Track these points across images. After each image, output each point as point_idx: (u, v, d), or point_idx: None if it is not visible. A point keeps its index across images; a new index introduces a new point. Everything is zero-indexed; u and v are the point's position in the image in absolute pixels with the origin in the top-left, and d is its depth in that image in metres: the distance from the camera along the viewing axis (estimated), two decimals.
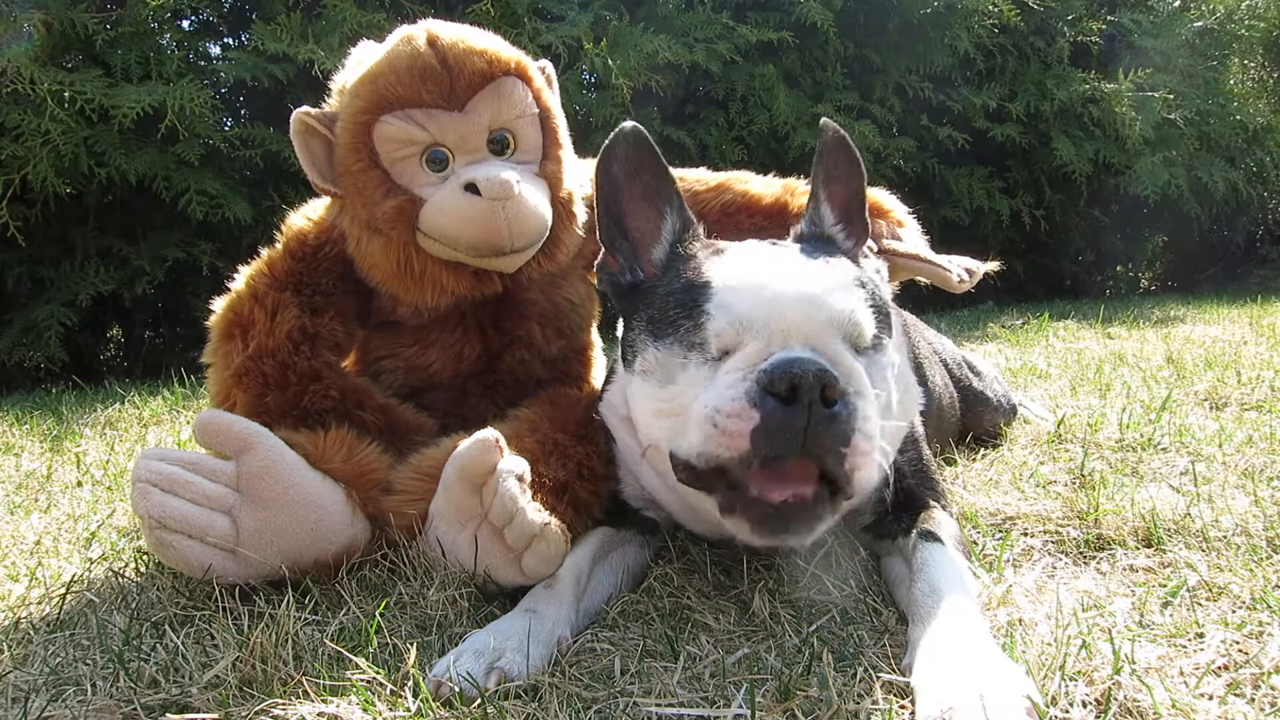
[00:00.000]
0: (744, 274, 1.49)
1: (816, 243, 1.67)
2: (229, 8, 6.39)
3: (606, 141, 1.66)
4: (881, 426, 1.41)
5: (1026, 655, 1.24)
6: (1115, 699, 1.14)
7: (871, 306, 1.50)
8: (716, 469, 1.36)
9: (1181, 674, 1.22)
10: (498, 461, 1.52)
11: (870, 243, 1.98)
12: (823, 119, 1.68)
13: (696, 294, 1.49)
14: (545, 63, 2.12)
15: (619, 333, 1.80)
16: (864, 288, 1.53)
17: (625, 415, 1.71)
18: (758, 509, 1.35)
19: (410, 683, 1.24)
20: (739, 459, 1.32)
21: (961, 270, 2.10)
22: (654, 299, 1.60)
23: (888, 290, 1.71)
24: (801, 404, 1.29)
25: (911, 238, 2.16)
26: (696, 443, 1.36)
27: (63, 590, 1.70)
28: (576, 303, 2.28)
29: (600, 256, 1.74)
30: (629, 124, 1.67)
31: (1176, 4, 9.86)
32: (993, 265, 2.24)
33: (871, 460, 1.34)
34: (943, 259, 2.11)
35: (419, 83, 1.90)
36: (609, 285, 1.74)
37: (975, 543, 1.77)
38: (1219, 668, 1.23)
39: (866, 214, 1.70)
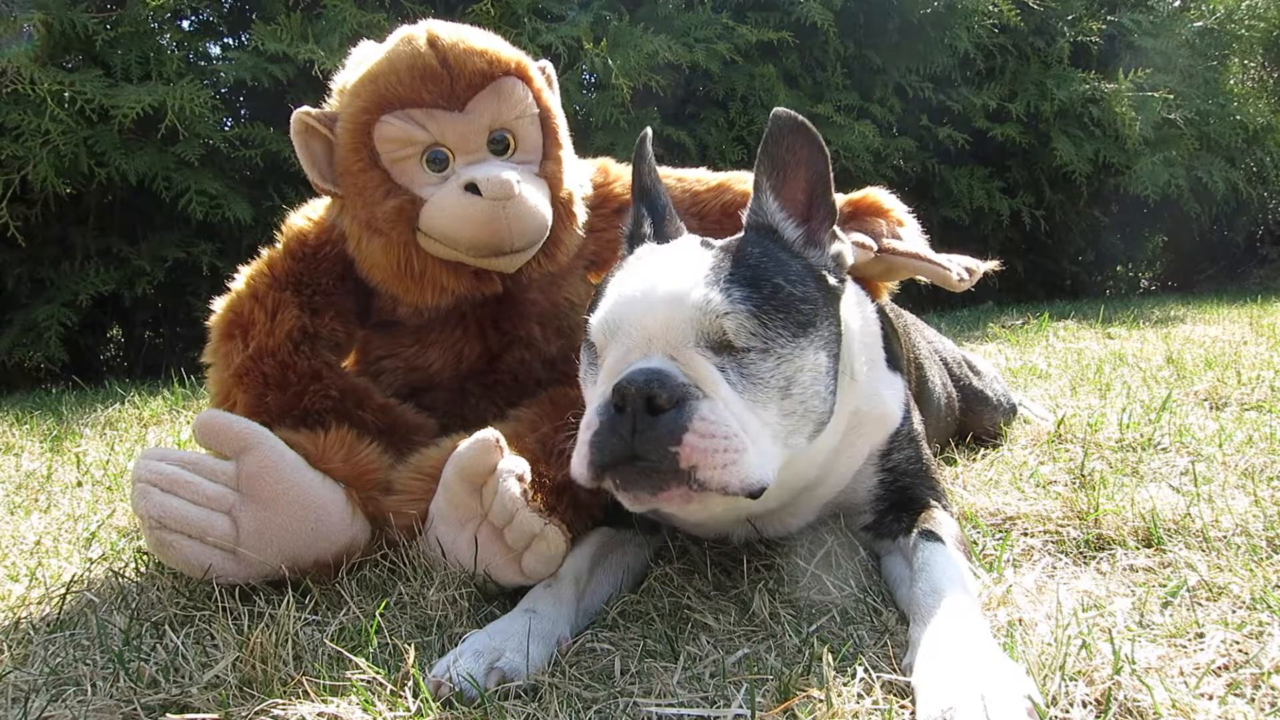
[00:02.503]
0: (626, 278, 1.55)
1: (750, 235, 1.64)
2: (229, 8, 6.39)
3: (635, 151, 1.79)
4: (780, 427, 1.44)
5: (1026, 655, 1.24)
6: (1115, 699, 1.14)
7: (756, 300, 1.46)
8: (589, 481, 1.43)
9: (1181, 674, 1.22)
10: (498, 461, 1.52)
11: (869, 241, 1.98)
12: (776, 108, 1.66)
13: (594, 303, 1.59)
14: (545, 63, 2.12)
15: None
16: (753, 282, 1.48)
17: None
18: (616, 474, 1.39)
19: (410, 683, 1.24)
20: (589, 466, 1.39)
21: (961, 269, 2.10)
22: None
23: (836, 282, 1.63)
24: (626, 413, 1.35)
25: (911, 237, 2.16)
26: (575, 462, 1.43)
27: (63, 590, 1.70)
28: (576, 303, 2.28)
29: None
30: (645, 132, 1.81)
31: (1176, 4, 9.86)
32: (993, 264, 2.23)
33: (717, 457, 1.34)
34: (942, 258, 2.11)
35: (419, 83, 1.90)
36: None
37: (975, 543, 1.77)
38: (1219, 668, 1.23)
39: (831, 198, 1.65)
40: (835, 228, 1.67)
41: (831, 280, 1.62)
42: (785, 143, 1.65)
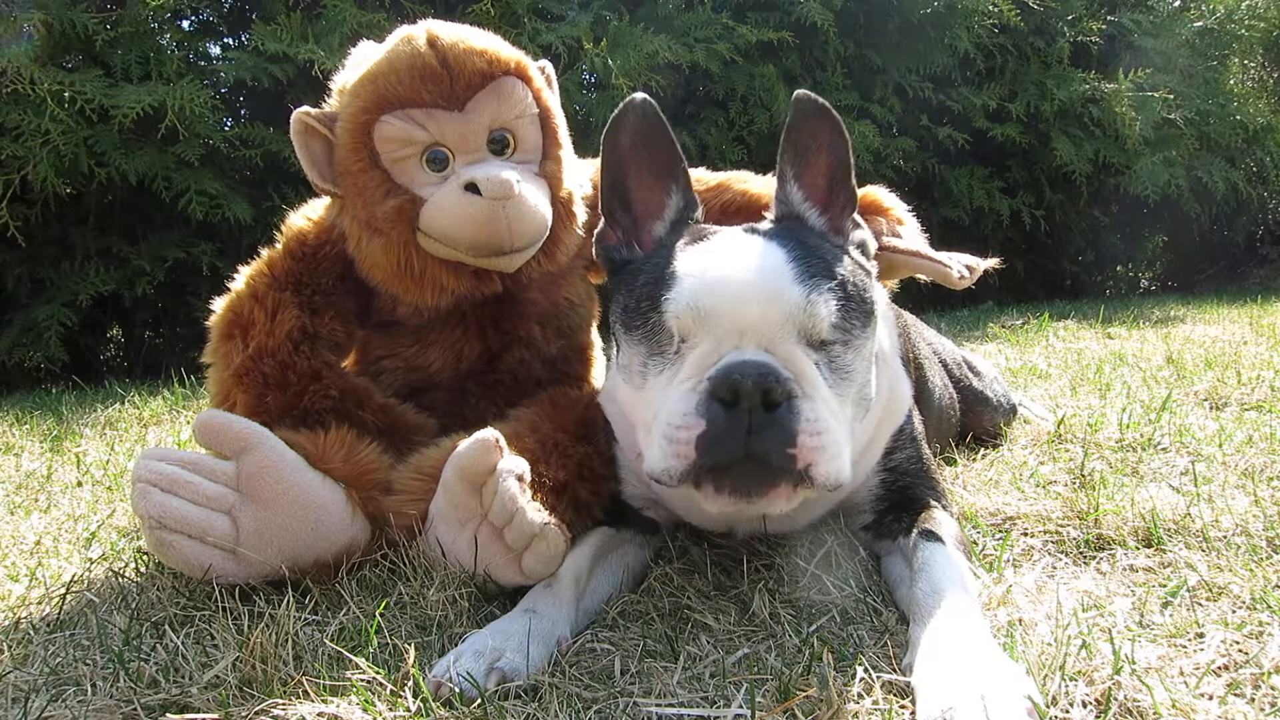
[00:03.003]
0: (709, 264, 1.48)
1: (788, 224, 1.63)
2: (229, 8, 6.39)
3: (616, 111, 1.63)
4: (858, 416, 1.43)
5: (1026, 655, 1.24)
6: (1115, 699, 1.14)
7: (837, 294, 1.46)
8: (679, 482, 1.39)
9: (1181, 674, 1.22)
10: (497, 461, 1.52)
11: (870, 239, 1.98)
12: (798, 91, 1.62)
13: (664, 284, 1.49)
14: (545, 63, 2.12)
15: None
16: (830, 274, 1.48)
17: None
18: (715, 475, 1.37)
19: (410, 683, 1.24)
20: (690, 467, 1.35)
21: (962, 267, 2.10)
22: (634, 285, 1.59)
23: (871, 268, 1.66)
24: (742, 409, 1.31)
25: (911, 236, 2.16)
26: (658, 459, 1.39)
27: (63, 590, 1.70)
28: (576, 302, 2.28)
29: (600, 226, 1.72)
30: (639, 95, 1.64)
31: (1176, 4, 9.86)
32: (993, 262, 2.23)
33: (827, 454, 1.34)
34: (943, 255, 2.11)
35: (419, 82, 1.90)
36: (604, 258, 1.73)
37: (975, 543, 1.77)
38: (1219, 668, 1.23)
39: (852, 183, 1.64)
40: (856, 215, 1.67)
41: (869, 267, 1.64)
42: (808, 127, 1.61)
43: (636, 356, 1.52)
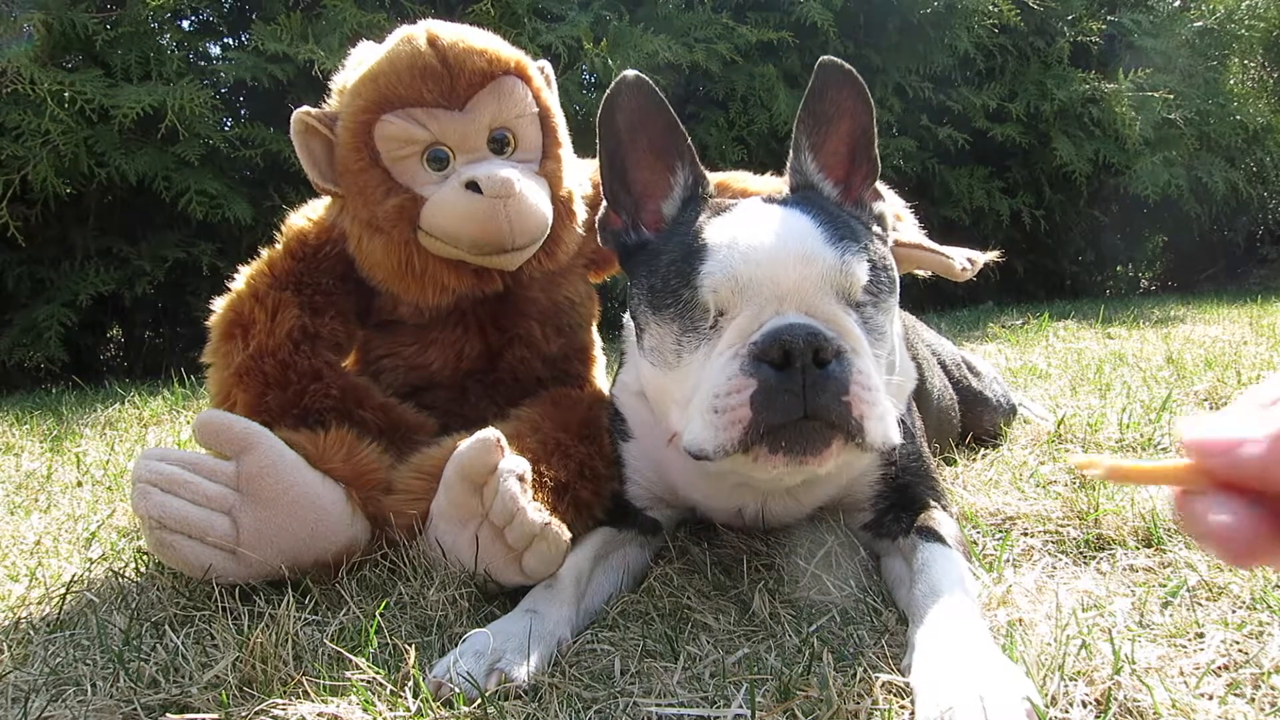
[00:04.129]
0: (739, 234, 1.48)
1: (805, 193, 1.64)
2: (229, 8, 6.39)
3: (608, 91, 1.60)
4: (887, 382, 1.42)
5: (1026, 655, 1.24)
6: (1115, 699, 1.14)
7: (865, 256, 1.48)
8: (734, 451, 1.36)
9: (1181, 674, 1.22)
10: (498, 461, 1.52)
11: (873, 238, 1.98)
12: (823, 56, 1.60)
13: (694, 259, 1.48)
14: (544, 63, 2.12)
15: (624, 320, 1.80)
16: (857, 239, 1.50)
17: (638, 390, 1.72)
18: (772, 437, 1.34)
19: (410, 683, 1.24)
20: (745, 430, 1.32)
21: (964, 259, 2.10)
22: (657, 265, 1.58)
23: (889, 239, 1.68)
24: (795, 368, 1.31)
25: (909, 231, 2.16)
26: (707, 436, 1.37)
27: (63, 590, 1.70)
28: (577, 301, 2.28)
29: (602, 211, 1.71)
30: (631, 73, 1.61)
31: (1176, 4, 9.86)
32: (993, 254, 2.24)
33: (877, 410, 1.34)
34: (944, 248, 2.12)
35: (419, 82, 1.90)
36: (614, 244, 1.71)
37: (975, 543, 1.77)
38: (1219, 668, 1.23)
39: (874, 152, 1.64)
40: (877, 184, 1.68)
41: (887, 238, 1.65)
42: (830, 95, 1.61)
43: (668, 336, 1.51)
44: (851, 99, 1.61)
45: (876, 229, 1.66)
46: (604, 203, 1.70)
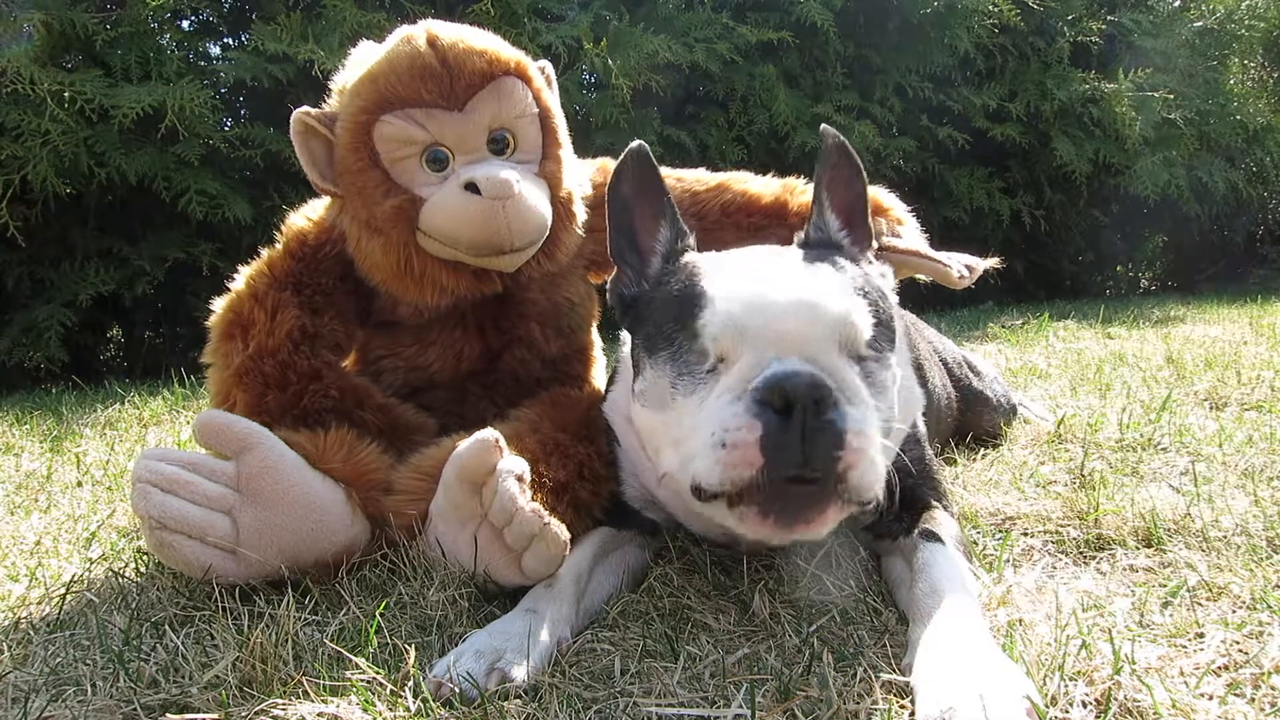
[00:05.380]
0: (740, 281, 1.48)
1: (821, 248, 1.66)
2: (229, 8, 6.39)
3: (618, 162, 1.73)
4: (883, 434, 1.40)
5: (1026, 655, 1.24)
6: (1115, 699, 1.14)
7: (871, 312, 1.49)
8: (739, 492, 1.35)
9: (1181, 674, 1.22)
10: (497, 462, 1.52)
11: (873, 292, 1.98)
12: (823, 125, 1.70)
13: (692, 304, 1.49)
14: (545, 63, 2.12)
15: (622, 334, 1.81)
16: (864, 295, 1.51)
17: (629, 415, 1.72)
18: (766, 497, 1.33)
19: (410, 683, 1.24)
20: (757, 473, 1.30)
21: (961, 266, 2.10)
22: (651, 313, 1.61)
23: (892, 297, 1.70)
24: (796, 414, 1.29)
25: (910, 236, 2.16)
26: (715, 471, 1.34)
27: (63, 590, 1.70)
28: (576, 302, 2.28)
29: (613, 275, 1.77)
30: (637, 144, 1.73)
31: (1176, 4, 9.86)
32: (992, 261, 2.24)
33: (865, 458, 1.32)
34: (943, 255, 2.12)
35: (419, 82, 1.90)
36: (615, 300, 1.77)
37: (975, 543, 1.77)
38: (1219, 668, 1.23)
39: (869, 220, 1.71)
40: (869, 253, 1.72)
41: (890, 294, 1.67)
42: (833, 160, 1.69)
43: (663, 378, 1.50)
44: (848, 170, 1.69)
45: (881, 284, 1.67)
46: (614, 268, 1.76)
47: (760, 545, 1.71)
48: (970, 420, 2.60)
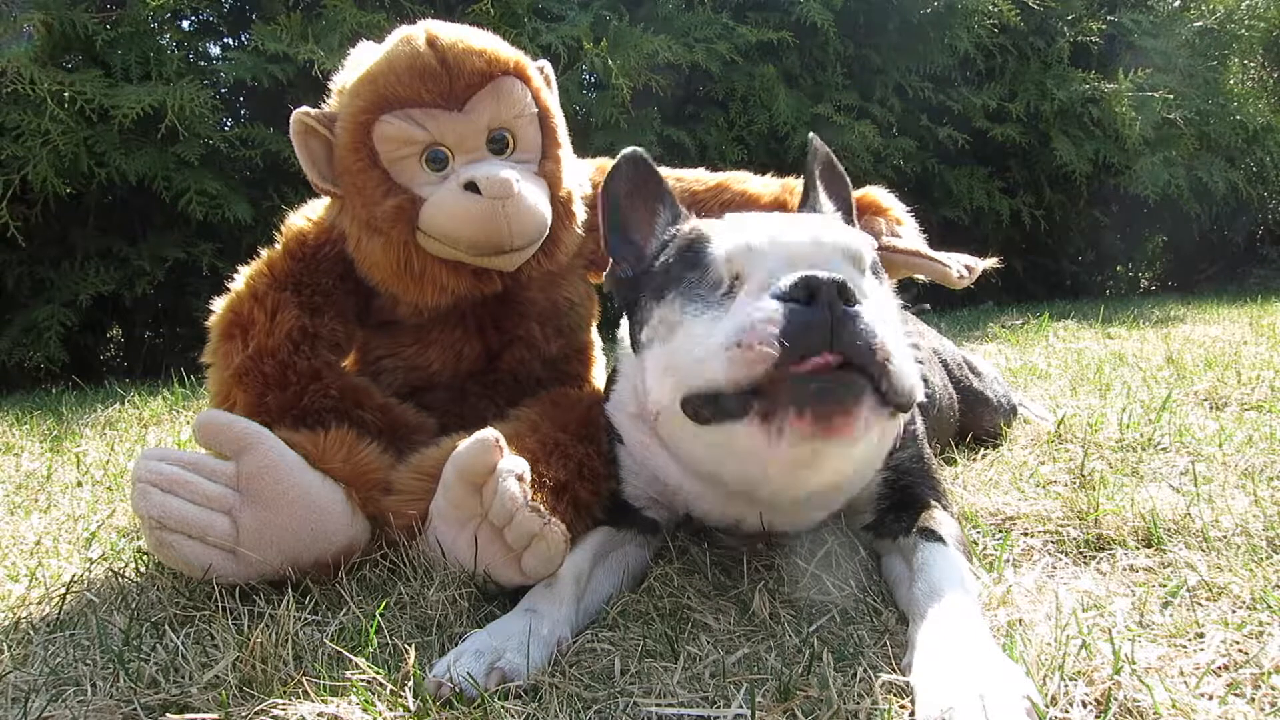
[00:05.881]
0: (745, 224, 1.55)
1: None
2: (229, 8, 6.39)
3: (612, 164, 1.80)
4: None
5: (1026, 655, 1.24)
6: (1115, 699, 1.14)
7: (868, 244, 1.56)
8: (747, 391, 1.31)
9: (1181, 674, 1.22)
10: (497, 461, 1.52)
11: (869, 239, 1.99)
12: (811, 134, 1.78)
13: (700, 246, 1.54)
14: (544, 63, 2.12)
15: (619, 333, 1.81)
16: (864, 240, 1.58)
17: (634, 412, 1.72)
18: (797, 391, 1.28)
19: (410, 683, 1.24)
20: (771, 366, 1.27)
21: (961, 266, 2.10)
22: (654, 274, 1.66)
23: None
24: (821, 303, 1.29)
25: (910, 236, 2.16)
26: (720, 371, 1.32)
27: (63, 590, 1.70)
28: (576, 302, 2.28)
29: (609, 268, 1.83)
30: (630, 149, 1.79)
31: (1176, 4, 9.86)
32: (992, 262, 2.24)
33: (904, 358, 1.32)
34: (942, 255, 2.12)
35: (418, 82, 1.90)
36: (612, 283, 1.83)
37: (975, 543, 1.77)
38: (1219, 668, 1.23)
39: (854, 223, 1.78)
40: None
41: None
42: (823, 166, 1.77)
43: (671, 311, 1.51)
44: (836, 179, 1.77)
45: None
46: (610, 261, 1.82)
47: (757, 524, 1.70)
48: (970, 420, 2.60)
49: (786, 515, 1.71)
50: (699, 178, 2.31)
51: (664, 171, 2.33)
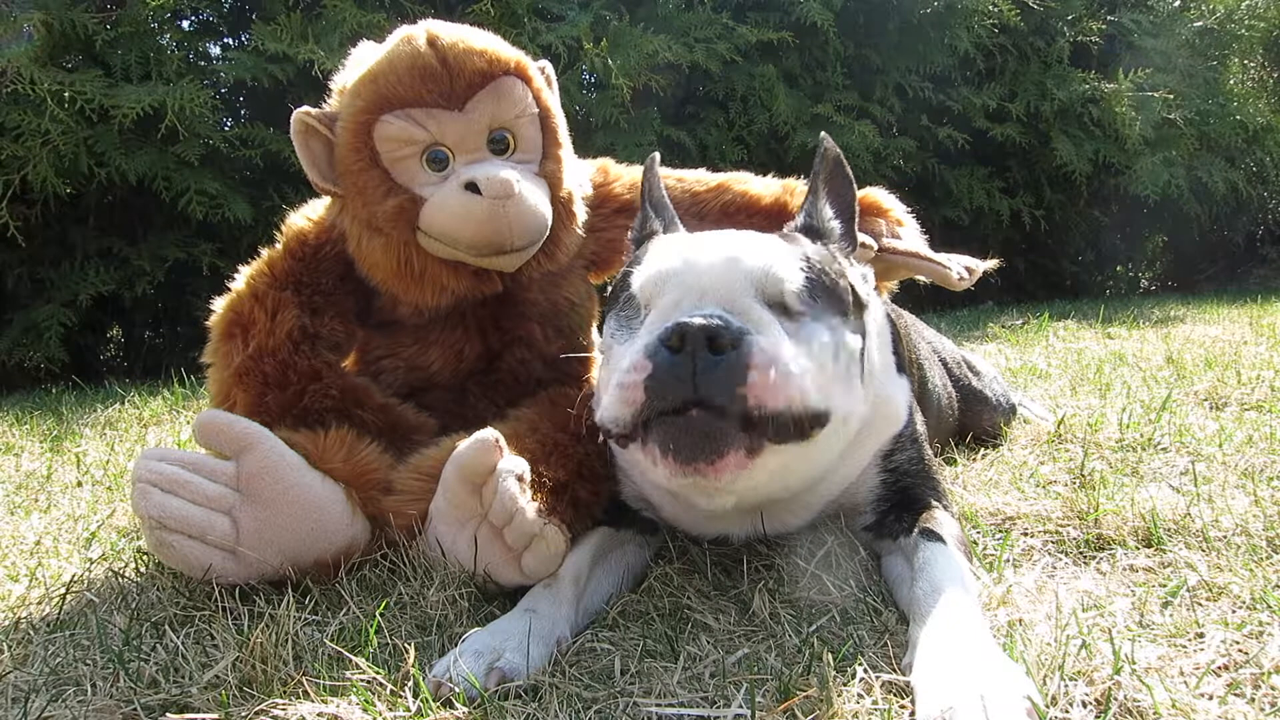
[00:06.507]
0: (678, 245, 1.57)
1: (802, 233, 1.71)
2: (229, 8, 6.39)
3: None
4: (813, 370, 1.40)
5: (1026, 655, 1.24)
6: (1115, 699, 1.14)
7: (805, 271, 1.50)
8: (628, 430, 1.40)
9: (1181, 674, 1.22)
10: (497, 461, 1.52)
11: (869, 240, 1.98)
12: (823, 134, 1.75)
13: (634, 264, 1.61)
14: (545, 63, 2.12)
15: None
16: (806, 261, 1.53)
17: None
18: (663, 432, 1.36)
19: (410, 683, 1.24)
20: (636, 412, 1.36)
21: (961, 268, 2.11)
22: (612, 290, 1.72)
23: (864, 289, 1.71)
24: (686, 352, 1.32)
25: (910, 237, 2.16)
26: (610, 405, 1.40)
27: (63, 590, 1.70)
28: (576, 302, 2.28)
29: None
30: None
31: (1176, 4, 9.85)
32: (992, 263, 2.24)
33: (780, 384, 1.32)
34: (942, 256, 2.12)
35: (419, 82, 1.90)
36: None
37: (975, 543, 1.77)
38: (1219, 668, 1.23)
39: (854, 229, 1.75)
40: (852, 258, 1.75)
41: (862, 294, 1.68)
42: (831, 168, 1.75)
43: (608, 334, 1.61)
44: (841, 180, 1.74)
45: (846, 272, 1.68)
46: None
47: (749, 533, 1.71)
48: (969, 419, 2.61)
49: (771, 522, 1.71)
50: (699, 178, 2.31)
51: (664, 171, 2.34)
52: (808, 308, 1.48)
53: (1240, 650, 1.27)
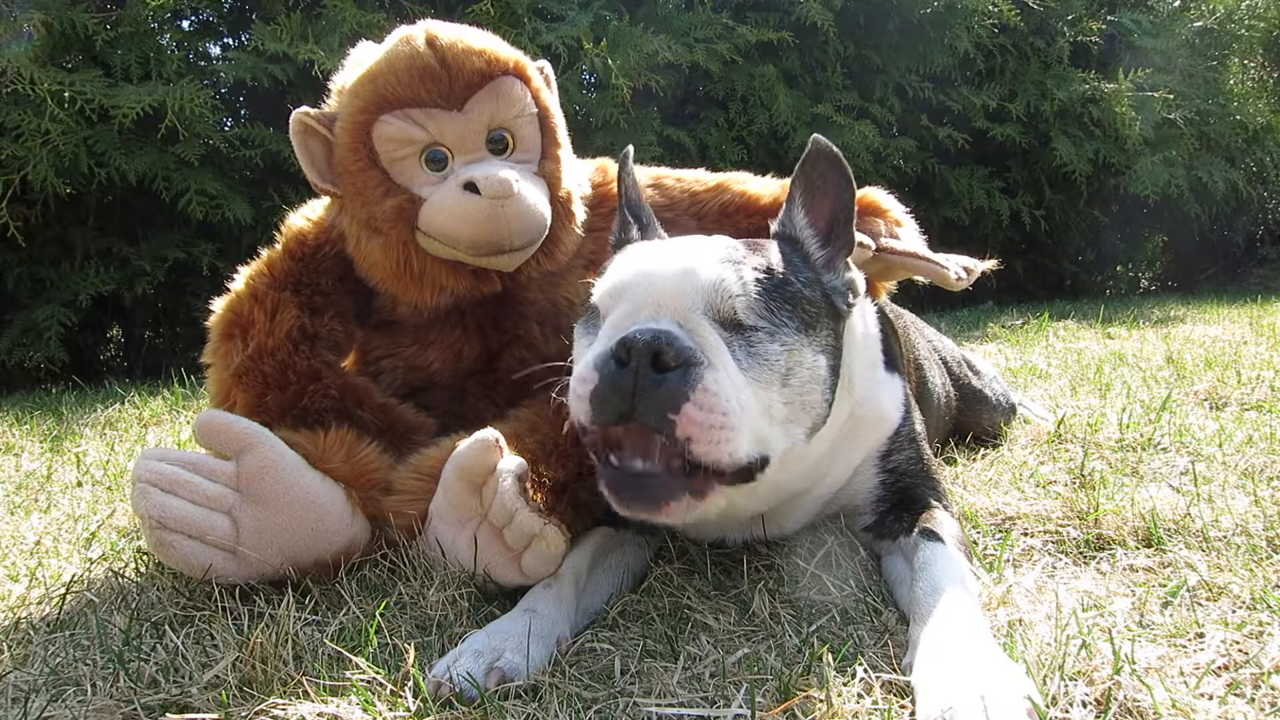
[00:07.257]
0: (641, 255, 1.57)
1: (778, 241, 1.66)
2: (229, 8, 6.39)
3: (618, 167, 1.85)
4: (755, 406, 1.39)
5: (1026, 655, 1.24)
6: (1115, 699, 1.14)
7: (762, 282, 1.47)
8: (590, 436, 1.42)
9: (1181, 674, 1.22)
10: (497, 461, 1.52)
11: (867, 240, 1.98)
12: (814, 135, 1.69)
13: (598, 275, 1.61)
14: (544, 63, 2.12)
15: None
16: (768, 273, 1.50)
17: None
18: (611, 474, 1.40)
19: (410, 683, 1.24)
20: (586, 422, 1.38)
21: (959, 268, 2.10)
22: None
23: (841, 299, 1.65)
24: (630, 367, 1.31)
25: (909, 237, 2.16)
26: (573, 408, 1.41)
27: (63, 590, 1.70)
28: (576, 302, 2.27)
29: None
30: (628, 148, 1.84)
31: (1176, 4, 9.86)
32: (990, 263, 2.24)
33: (713, 435, 1.31)
34: (940, 257, 2.12)
35: (418, 82, 1.90)
36: None
37: (975, 543, 1.77)
38: (1219, 668, 1.23)
39: (851, 230, 1.68)
40: (849, 259, 1.69)
41: (839, 304, 1.63)
42: (819, 168, 1.67)
43: (577, 340, 1.61)
44: (836, 179, 1.66)
45: (830, 292, 1.63)
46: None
47: (745, 536, 1.71)
48: (969, 419, 2.61)
49: (766, 527, 1.71)
50: (699, 178, 2.30)
51: (663, 171, 2.34)
52: (764, 321, 1.46)
53: (1240, 650, 1.27)
